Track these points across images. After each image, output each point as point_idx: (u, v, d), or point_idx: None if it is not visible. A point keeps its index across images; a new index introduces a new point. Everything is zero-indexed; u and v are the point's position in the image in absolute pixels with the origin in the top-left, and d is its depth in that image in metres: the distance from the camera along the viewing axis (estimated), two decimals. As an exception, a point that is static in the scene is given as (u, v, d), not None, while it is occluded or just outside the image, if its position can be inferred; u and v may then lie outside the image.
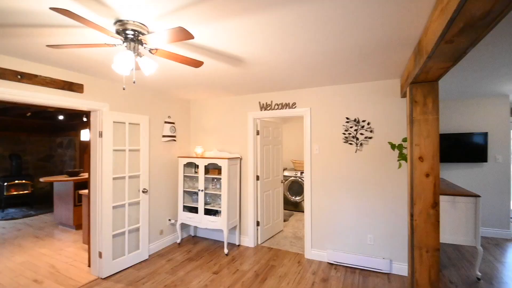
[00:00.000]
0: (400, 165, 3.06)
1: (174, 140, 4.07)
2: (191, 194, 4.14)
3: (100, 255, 3.00)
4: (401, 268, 3.07)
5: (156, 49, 1.93)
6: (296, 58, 2.39)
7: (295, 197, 5.68)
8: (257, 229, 3.97)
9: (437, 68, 2.04)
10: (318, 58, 2.40)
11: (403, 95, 3.04)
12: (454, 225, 2.93)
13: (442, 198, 2.97)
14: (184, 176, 4.00)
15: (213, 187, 3.97)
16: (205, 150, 4.26)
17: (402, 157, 3.00)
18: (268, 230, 4.16)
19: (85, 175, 5.01)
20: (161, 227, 3.85)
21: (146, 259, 3.47)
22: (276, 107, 3.76)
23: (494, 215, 4.31)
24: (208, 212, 3.85)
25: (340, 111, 3.42)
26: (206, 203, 3.90)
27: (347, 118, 3.38)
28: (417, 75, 2.23)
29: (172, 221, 4.02)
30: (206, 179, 3.97)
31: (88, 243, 3.14)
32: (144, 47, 1.89)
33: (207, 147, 4.28)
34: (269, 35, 1.92)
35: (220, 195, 3.79)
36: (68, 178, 4.68)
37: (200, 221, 3.76)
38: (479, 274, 2.94)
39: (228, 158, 3.65)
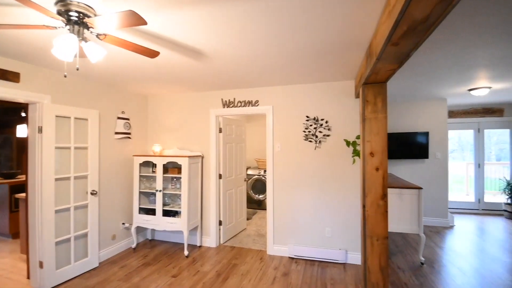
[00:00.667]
0: (354, 161, 3.26)
1: (129, 138, 3.80)
2: (148, 195, 3.90)
3: (41, 265, 2.66)
4: (356, 257, 3.26)
5: (105, 35, 1.76)
6: (256, 54, 2.39)
7: (259, 195, 5.72)
8: (220, 229, 3.90)
9: (385, 70, 2.20)
10: (277, 56, 2.43)
11: (357, 96, 3.24)
12: (401, 215, 3.21)
13: (390, 191, 3.23)
14: (141, 176, 3.76)
15: (173, 187, 3.80)
16: (164, 148, 4.06)
17: (356, 153, 3.19)
18: (231, 229, 4.11)
19: (23, 177, 4.43)
20: (113, 232, 3.56)
21: (96, 267, 3.17)
22: (239, 104, 3.73)
23: (434, 206, 4.83)
24: (167, 213, 3.66)
25: (300, 110, 3.52)
26: (165, 204, 3.71)
27: (307, 117, 3.49)
28: (368, 76, 2.38)
29: (127, 224, 3.75)
30: (165, 179, 3.77)
31: (27, 252, 2.77)
32: (91, 32, 1.72)
33: (166, 145, 4.08)
34: (226, 28, 1.88)
35: (180, 195, 3.64)
36: (3, 181, 4.09)
37: (158, 223, 3.57)
38: (423, 259, 3.26)
39: (189, 156, 3.52)
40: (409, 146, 4.93)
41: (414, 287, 2.72)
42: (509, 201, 5.20)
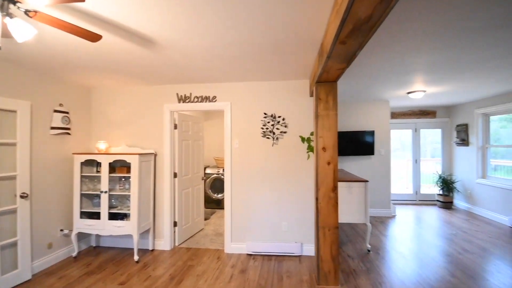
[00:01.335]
0: (308, 156, 3.39)
1: (68, 134, 3.40)
2: (92, 197, 3.54)
3: None
4: (311, 249, 3.39)
5: (35, 12, 1.53)
6: (214, 47, 2.32)
7: (217, 194, 5.61)
8: (175, 230, 3.71)
9: (335, 69, 2.31)
10: (234, 50, 2.39)
11: (311, 94, 3.37)
12: (350, 206, 3.43)
13: (341, 184, 3.43)
14: (83, 177, 3.39)
15: (121, 187, 3.50)
16: (110, 146, 3.72)
17: (310, 149, 3.32)
18: (187, 230, 3.95)
19: None
20: (49, 240, 3.14)
21: (29, 280, 2.77)
22: (196, 99, 3.60)
23: (379, 198, 5.28)
24: (114, 216, 3.36)
25: (258, 107, 3.54)
26: (111, 207, 3.40)
27: (265, 114, 3.52)
28: (320, 75, 2.48)
29: (66, 231, 3.35)
30: (112, 179, 3.47)
31: None
32: (18, 7, 1.48)
33: (113, 142, 3.75)
34: (181, 16, 1.79)
35: (129, 196, 3.37)
36: None
37: (103, 228, 3.25)
38: (369, 246, 3.52)
39: (140, 154, 3.28)
40: (358, 143, 5.32)
41: (362, 273, 2.92)
42: (440, 192, 5.94)
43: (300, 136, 3.41)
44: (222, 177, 5.53)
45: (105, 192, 3.25)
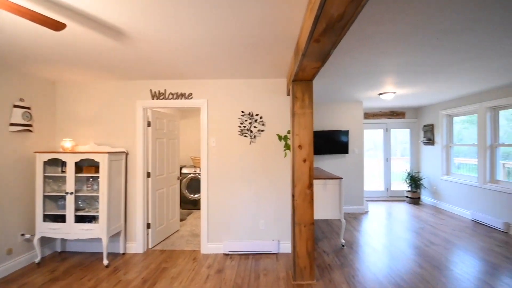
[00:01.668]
0: (285, 154, 3.42)
1: (30, 131, 3.15)
2: (57, 199, 3.31)
3: None
4: (287, 246, 3.42)
5: (-15, -7, 1.39)
6: (189, 42, 2.25)
7: (194, 194, 5.49)
8: (148, 232, 3.57)
9: (310, 67, 2.35)
10: (210, 46, 2.34)
11: (288, 93, 3.40)
12: (326, 203, 3.50)
13: (317, 182, 3.50)
14: (46, 177, 3.15)
15: (89, 188, 3.31)
16: (77, 144, 3.50)
17: (287, 147, 3.35)
18: (162, 231, 3.82)
19: None
20: (9, 245, 2.89)
21: (-20, 293, 2.52)
22: (171, 96, 3.50)
23: (352, 195, 5.46)
24: (81, 219, 3.16)
25: (236, 105, 3.51)
26: (78, 209, 3.20)
27: (242, 112, 3.50)
28: (296, 73, 2.51)
29: (27, 235, 3.09)
30: (79, 179, 3.26)
31: None
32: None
33: (81, 140, 3.53)
34: (154, 7, 1.72)
35: (98, 197, 3.18)
36: None
37: (69, 232, 3.04)
38: (343, 241, 3.63)
39: (109, 153, 3.12)
40: (333, 142, 5.47)
41: (336, 267, 2.99)
42: (409, 189, 6.27)
43: (277, 134, 3.43)
44: (199, 176, 5.43)
45: (71, 193, 3.04)
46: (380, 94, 4.61)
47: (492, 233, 4.06)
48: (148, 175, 3.58)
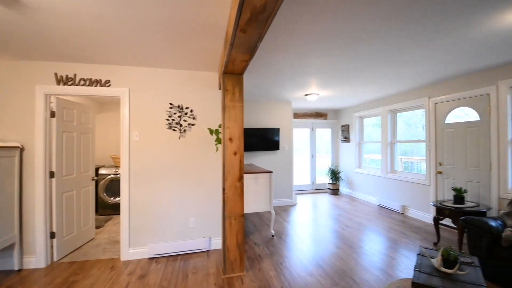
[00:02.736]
0: (217, 149, 3.35)
1: None
2: None
3: None
4: (219, 242, 3.35)
5: None
6: (102, 18, 1.96)
7: (114, 198, 4.89)
8: (52, 243, 2.99)
9: (239, 60, 2.34)
10: (131, 25, 2.09)
11: (220, 87, 3.36)
12: (257, 196, 3.58)
13: (249, 176, 3.55)
14: None
15: (-37, 192, 2.57)
16: None
17: (218, 141, 3.29)
18: (71, 241, 3.25)
19: None
20: None
21: None
22: (82, 83, 3.01)
23: (283, 189, 5.78)
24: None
25: (164, 96, 3.26)
26: None
27: (171, 104, 3.28)
28: (226, 65, 2.47)
29: None
30: None
31: None
32: None
33: (-49, 132, 2.72)
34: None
35: (-22, 203, 2.49)
36: None
37: None
38: (273, 232, 3.77)
39: (-5, 147, 2.49)
40: (266, 140, 5.68)
41: (266, 256, 3.08)
42: (330, 182, 7.00)
43: (208, 128, 3.34)
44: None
45: None
46: (306, 95, 5.01)
47: (392, 214, 4.86)
48: (52, 175, 3.00)
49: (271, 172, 3.65)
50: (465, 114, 3.87)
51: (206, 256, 3.11)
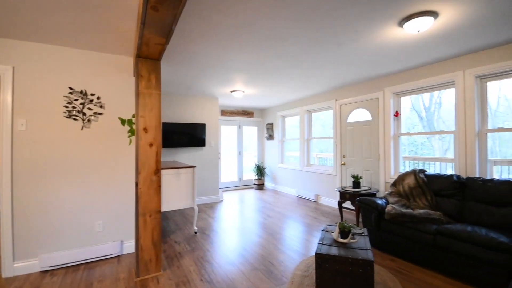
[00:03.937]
0: (130, 141, 3.05)
1: None
2: None
3: None
4: (133, 245, 3.05)
5: None
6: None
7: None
8: None
9: (154, 42, 2.19)
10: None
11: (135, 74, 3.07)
12: (179, 192, 3.42)
13: (170, 172, 3.35)
14: None
15: None
16: None
17: (131, 132, 3.00)
18: None
19: None
20: None
21: None
22: None
23: (209, 185, 5.70)
24: None
25: (62, 79, 2.77)
26: None
27: (71, 89, 2.81)
28: (139, 47, 2.27)
29: None
30: None
31: None
32: None
33: None
34: None
35: None
36: None
37: None
38: (196, 228, 3.66)
39: None
40: (191, 135, 5.49)
41: (187, 253, 2.96)
42: (256, 177, 7.28)
43: (119, 118, 3.00)
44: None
45: None
46: (232, 91, 5.06)
47: (308, 203, 5.38)
48: None
49: (194, 167, 3.54)
50: (362, 115, 4.61)
51: (117, 262, 2.78)
